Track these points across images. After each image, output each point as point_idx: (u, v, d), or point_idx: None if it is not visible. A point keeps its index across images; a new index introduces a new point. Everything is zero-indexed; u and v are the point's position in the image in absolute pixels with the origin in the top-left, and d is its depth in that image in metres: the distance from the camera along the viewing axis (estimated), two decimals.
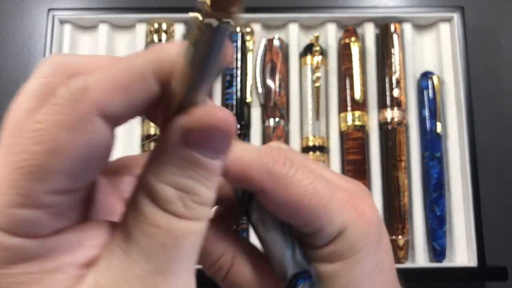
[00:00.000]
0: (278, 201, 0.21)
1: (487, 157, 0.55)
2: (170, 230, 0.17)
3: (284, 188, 0.21)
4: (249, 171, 0.21)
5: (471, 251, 0.51)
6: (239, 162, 0.21)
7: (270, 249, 0.22)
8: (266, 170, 0.21)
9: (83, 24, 0.57)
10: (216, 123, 0.16)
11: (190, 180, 0.17)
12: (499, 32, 0.60)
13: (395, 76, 0.54)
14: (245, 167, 0.21)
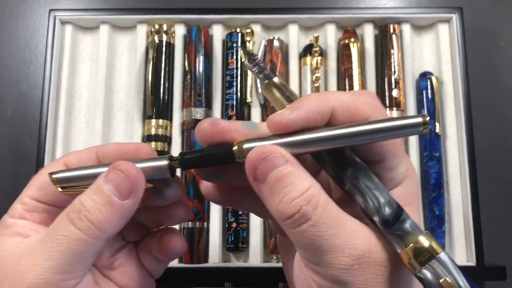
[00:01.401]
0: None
1: (486, 157, 0.56)
2: (66, 235, 0.25)
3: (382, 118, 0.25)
4: (355, 107, 0.25)
5: (469, 251, 0.51)
6: (344, 103, 0.25)
7: (366, 193, 0.25)
8: (369, 103, 0.25)
9: (84, 25, 0.57)
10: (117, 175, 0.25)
11: (90, 201, 0.25)
12: (498, 33, 0.61)
13: (394, 76, 0.54)
14: (350, 105, 0.25)
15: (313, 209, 0.23)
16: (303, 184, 0.24)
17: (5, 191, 0.56)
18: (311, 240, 0.24)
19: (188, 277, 0.49)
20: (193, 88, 0.53)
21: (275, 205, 0.24)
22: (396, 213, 0.24)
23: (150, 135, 0.53)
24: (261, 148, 0.25)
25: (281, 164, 0.24)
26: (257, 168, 0.24)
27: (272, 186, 0.24)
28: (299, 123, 0.24)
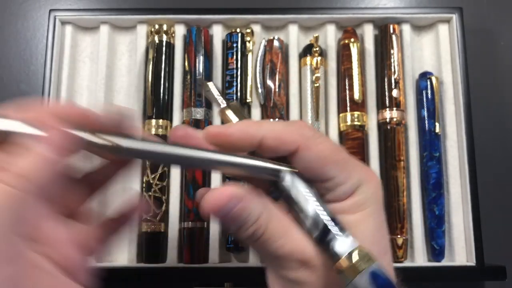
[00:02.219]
0: (310, 157, 0.27)
1: (486, 156, 0.56)
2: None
3: (315, 145, 0.27)
4: (284, 135, 0.27)
5: (469, 251, 0.51)
6: (274, 131, 0.27)
7: (302, 207, 0.27)
8: (298, 132, 0.28)
9: (84, 25, 0.57)
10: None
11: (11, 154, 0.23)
12: (498, 33, 0.61)
13: (394, 76, 0.54)
14: (280, 133, 0.27)
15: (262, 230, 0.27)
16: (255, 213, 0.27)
17: None
18: (266, 252, 0.27)
19: (188, 277, 0.49)
20: (193, 88, 0.53)
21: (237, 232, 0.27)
22: (322, 233, 0.27)
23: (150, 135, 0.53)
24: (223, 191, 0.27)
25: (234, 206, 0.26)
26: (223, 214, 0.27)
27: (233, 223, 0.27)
28: (230, 138, 0.27)
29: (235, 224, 0.27)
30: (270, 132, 0.28)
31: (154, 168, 0.52)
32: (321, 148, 0.28)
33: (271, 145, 0.28)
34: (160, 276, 0.49)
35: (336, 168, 0.28)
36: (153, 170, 0.52)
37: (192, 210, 0.51)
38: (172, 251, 0.51)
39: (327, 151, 0.28)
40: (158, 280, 0.49)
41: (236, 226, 0.27)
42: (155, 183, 0.52)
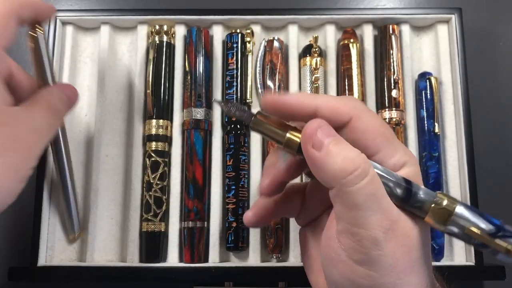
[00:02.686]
0: (362, 128, 0.29)
1: (485, 156, 0.56)
2: None
3: (367, 117, 0.29)
4: (338, 106, 0.29)
5: (469, 250, 0.51)
6: (329, 101, 0.29)
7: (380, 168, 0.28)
8: (351, 104, 0.29)
9: (85, 25, 0.57)
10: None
11: None
12: (497, 34, 0.61)
13: (394, 76, 0.54)
14: (334, 104, 0.29)
15: (369, 167, 0.27)
16: (355, 150, 0.28)
17: None
18: (365, 198, 0.26)
19: (188, 276, 0.49)
20: (193, 89, 0.54)
21: (336, 165, 0.27)
22: (407, 189, 0.28)
23: (150, 135, 0.53)
24: (316, 121, 0.28)
25: (334, 134, 0.28)
26: (314, 136, 0.28)
27: (330, 149, 0.27)
28: (287, 104, 0.29)
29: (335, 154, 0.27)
30: (325, 103, 0.29)
31: (154, 168, 0.52)
32: (372, 121, 0.29)
33: (326, 114, 0.29)
34: (160, 276, 0.49)
35: (385, 141, 0.29)
36: (154, 170, 0.52)
37: (192, 210, 0.51)
38: (172, 251, 0.51)
39: (378, 124, 0.29)
40: (158, 280, 0.49)
41: (337, 157, 0.27)
42: (156, 183, 0.52)
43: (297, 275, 0.47)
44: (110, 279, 0.50)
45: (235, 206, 0.52)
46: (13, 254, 0.54)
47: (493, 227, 0.26)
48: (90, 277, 0.49)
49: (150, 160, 0.52)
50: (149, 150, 0.53)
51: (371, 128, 0.29)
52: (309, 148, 0.28)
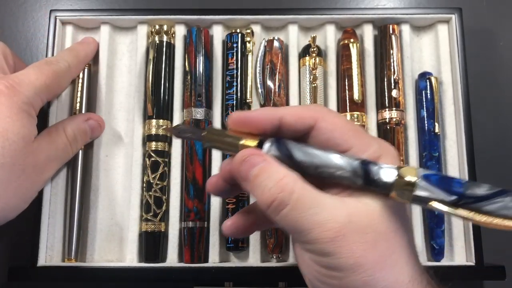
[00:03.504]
0: (328, 128, 0.29)
1: (485, 156, 0.56)
2: None
3: (331, 117, 0.30)
4: (301, 112, 0.30)
5: (469, 250, 0.51)
6: (292, 109, 0.31)
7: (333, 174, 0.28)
8: (314, 109, 0.30)
9: (84, 25, 0.57)
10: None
11: None
12: (497, 33, 0.61)
13: (394, 76, 0.54)
14: (297, 111, 0.30)
15: (289, 194, 0.27)
16: (277, 175, 0.28)
17: None
18: (294, 223, 0.27)
19: (188, 276, 0.49)
20: (193, 89, 0.54)
21: (258, 198, 0.28)
22: (365, 172, 0.27)
23: (150, 135, 0.53)
24: (241, 153, 0.29)
25: (258, 163, 0.28)
26: (241, 170, 0.29)
27: (253, 182, 0.28)
28: (251, 120, 0.30)
29: (256, 186, 0.28)
30: (289, 111, 0.30)
31: (154, 168, 0.52)
32: (337, 119, 0.30)
33: (290, 122, 0.30)
34: (160, 276, 0.49)
35: (355, 136, 0.29)
36: (154, 170, 0.52)
37: (192, 210, 0.51)
38: (172, 251, 0.51)
39: (344, 121, 0.30)
40: (158, 280, 0.49)
41: (257, 189, 0.28)
42: (155, 183, 0.52)
43: (297, 275, 0.47)
44: (110, 279, 0.50)
45: (235, 206, 0.52)
46: (13, 254, 0.54)
47: (454, 197, 0.26)
48: (90, 277, 0.49)
49: (150, 160, 0.52)
50: (149, 150, 0.53)
51: (337, 126, 0.29)
52: (240, 181, 0.29)
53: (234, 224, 0.34)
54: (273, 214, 0.27)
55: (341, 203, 0.27)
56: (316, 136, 0.30)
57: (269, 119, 0.30)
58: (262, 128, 0.30)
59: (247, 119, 0.30)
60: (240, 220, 0.35)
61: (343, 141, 0.29)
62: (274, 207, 0.27)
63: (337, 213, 0.27)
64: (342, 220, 0.26)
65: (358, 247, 0.26)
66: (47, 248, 0.51)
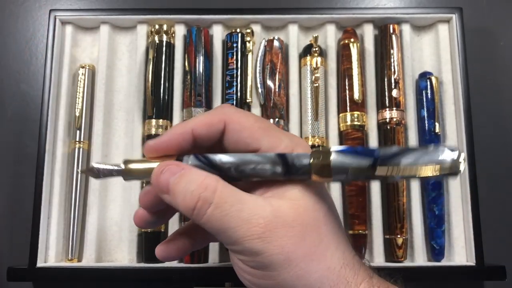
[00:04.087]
0: (236, 128, 0.29)
1: (485, 156, 0.56)
2: None
3: (239, 117, 0.29)
4: (209, 119, 0.30)
5: (469, 251, 0.51)
6: (200, 119, 0.30)
7: (252, 172, 0.28)
8: (221, 112, 0.30)
9: (84, 25, 0.57)
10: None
11: None
12: (498, 33, 0.61)
13: (394, 76, 0.54)
14: (205, 119, 0.30)
15: (211, 193, 0.27)
16: (199, 177, 0.27)
17: (5, 191, 0.56)
18: (220, 222, 0.26)
19: (188, 277, 0.49)
20: (193, 88, 0.53)
21: (181, 204, 0.27)
22: (284, 164, 0.28)
23: (150, 135, 0.53)
24: (158, 166, 0.28)
25: (177, 171, 0.28)
26: (159, 182, 0.28)
27: (174, 190, 0.27)
28: (165, 144, 0.29)
29: (178, 193, 0.27)
30: (197, 122, 0.30)
31: None
32: (245, 119, 0.29)
33: (201, 131, 0.29)
34: (160, 276, 0.49)
35: (264, 134, 0.29)
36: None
37: None
38: None
39: (252, 120, 0.30)
40: (158, 280, 0.49)
41: (179, 195, 0.27)
42: None
43: None
44: (109, 280, 0.50)
45: None
46: (12, 255, 0.54)
47: (371, 159, 0.26)
48: (89, 277, 0.49)
49: None
50: None
51: (245, 125, 0.29)
52: (160, 194, 0.28)
53: (166, 250, 0.33)
54: (198, 217, 0.27)
55: (264, 201, 0.27)
56: (228, 139, 0.30)
57: (181, 137, 0.29)
58: (178, 147, 0.30)
59: (161, 144, 0.29)
60: (174, 243, 0.34)
61: (253, 139, 0.29)
62: (198, 208, 0.27)
63: (262, 209, 0.27)
64: (267, 216, 0.26)
65: (287, 242, 0.26)
66: (46, 248, 0.51)
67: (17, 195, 0.56)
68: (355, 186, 0.52)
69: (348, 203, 0.52)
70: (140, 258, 0.51)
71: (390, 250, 0.51)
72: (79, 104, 0.54)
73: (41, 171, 0.51)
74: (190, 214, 0.27)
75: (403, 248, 0.51)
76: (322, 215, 0.28)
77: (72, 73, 0.56)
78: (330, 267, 0.27)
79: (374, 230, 0.52)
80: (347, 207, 0.52)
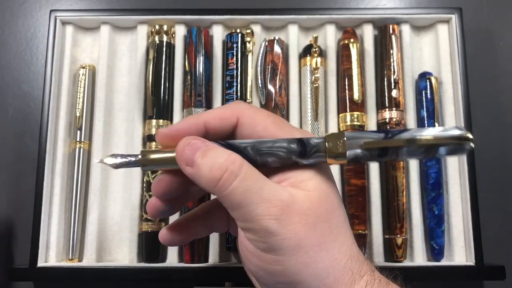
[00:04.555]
0: (250, 123, 0.30)
1: (485, 156, 0.56)
2: None
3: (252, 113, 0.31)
4: (222, 112, 0.31)
5: (469, 250, 0.51)
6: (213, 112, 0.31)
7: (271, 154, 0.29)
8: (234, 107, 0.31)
9: (85, 25, 0.57)
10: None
11: None
12: (497, 33, 0.61)
13: (394, 76, 0.54)
14: (219, 112, 0.31)
15: (238, 167, 0.27)
16: (224, 153, 0.28)
17: (6, 191, 0.56)
18: (242, 196, 0.27)
19: (188, 276, 0.49)
20: (193, 89, 0.54)
21: (206, 176, 0.28)
22: (299, 143, 0.29)
23: (150, 135, 0.53)
24: (184, 140, 0.29)
25: (203, 146, 0.29)
26: (185, 154, 0.29)
27: (199, 162, 0.28)
28: (177, 132, 0.30)
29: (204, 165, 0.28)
30: (211, 114, 0.31)
31: None
32: (258, 114, 0.30)
33: (214, 124, 0.30)
34: (160, 276, 0.49)
35: (278, 128, 0.30)
36: (154, 170, 0.52)
37: None
38: (172, 251, 0.51)
39: (265, 115, 0.31)
40: (158, 280, 0.49)
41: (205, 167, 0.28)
42: None
43: None
44: (109, 279, 0.50)
45: None
46: (13, 255, 0.54)
47: (382, 133, 0.29)
48: (89, 277, 0.49)
49: None
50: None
51: (259, 120, 0.30)
52: (184, 167, 0.29)
53: (169, 234, 0.34)
54: (222, 188, 0.27)
55: (282, 188, 0.28)
56: (241, 132, 0.31)
57: (194, 127, 0.30)
58: (189, 131, 0.31)
59: (174, 132, 0.30)
60: (178, 227, 0.35)
61: (267, 133, 0.30)
62: (225, 179, 0.27)
63: (282, 192, 0.28)
64: (286, 199, 0.27)
65: (301, 228, 0.27)
66: (46, 248, 0.51)
67: (18, 195, 0.56)
68: (355, 186, 0.52)
69: (348, 203, 0.52)
70: (140, 258, 0.51)
71: (390, 250, 0.52)
72: (80, 104, 0.54)
73: (42, 171, 0.51)
74: (214, 185, 0.28)
75: (403, 248, 0.51)
76: (334, 208, 0.29)
77: (72, 73, 0.56)
78: (337, 258, 0.28)
79: (374, 230, 0.52)
80: (347, 207, 0.52)
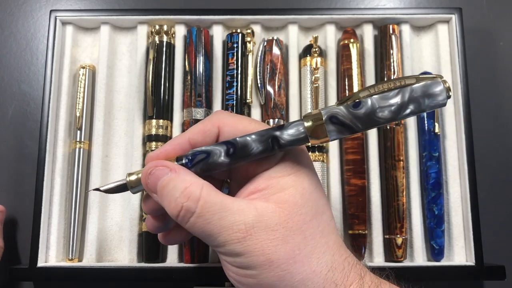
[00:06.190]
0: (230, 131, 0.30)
1: (485, 156, 0.56)
2: None
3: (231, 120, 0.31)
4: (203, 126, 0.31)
5: (469, 250, 0.51)
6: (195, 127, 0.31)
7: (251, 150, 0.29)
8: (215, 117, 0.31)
9: (85, 25, 0.57)
10: None
11: None
12: (497, 33, 0.61)
13: (394, 77, 0.54)
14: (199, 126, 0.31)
15: (194, 202, 0.28)
16: (183, 184, 0.28)
17: (6, 191, 0.56)
18: (202, 229, 0.28)
19: (188, 276, 0.49)
20: (193, 89, 0.54)
21: (166, 208, 0.29)
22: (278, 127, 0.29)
23: (150, 135, 0.53)
24: (147, 166, 0.30)
25: (165, 174, 0.29)
26: (148, 184, 0.29)
27: (160, 193, 0.29)
28: (164, 154, 0.31)
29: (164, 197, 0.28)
30: (192, 130, 0.31)
31: None
32: (238, 121, 0.31)
33: (198, 140, 0.31)
34: (160, 276, 0.49)
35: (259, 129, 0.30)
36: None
37: None
38: (172, 251, 0.51)
39: (246, 122, 0.31)
40: (158, 280, 0.49)
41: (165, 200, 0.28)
42: None
43: None
44: (109, 279, 0.50)
45: None
46: (13, 255, 0.54)
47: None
48: (90, 277, 0.49)
49: None
50: (149, 150, 0.53)
51: (239, 127, 0.30)
52: (150, 193, 0.30)
53: (169, 233, 0.35)
54: (182, 223, 0.28)
55: (249, 205, 0.28)
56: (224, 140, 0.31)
57: (178, 147, 0.31)
58: (175, 152, 0.31)
59: (161, 154, 0.31)
60: (175, 229, 0.35)
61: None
62: (182, 216, 0.28)
63: (245, 215, 0.27)
64: (249, 221, 0.27)
65: (268, 245, 0.27)
66: (47, 248, 0.51)
67: (18, 195, 0.56)
68: (355, 186, 0.52)
69: (348, 203, 0.52)
70: (140, 258, 0.51)
71: (390, 250, 0.52)
72: (80, 104, 0.54)
73: (42, 171, 0.51)
74: (176, 218, 0.28)
75: (403, 248, 0.51)
76: (309, 218, 0.29)
77: (72, 73, 0.56)
78: (316, 270, 0.27)
79: (374, 230, 0.52)
80: (347, 207, 0.52)
